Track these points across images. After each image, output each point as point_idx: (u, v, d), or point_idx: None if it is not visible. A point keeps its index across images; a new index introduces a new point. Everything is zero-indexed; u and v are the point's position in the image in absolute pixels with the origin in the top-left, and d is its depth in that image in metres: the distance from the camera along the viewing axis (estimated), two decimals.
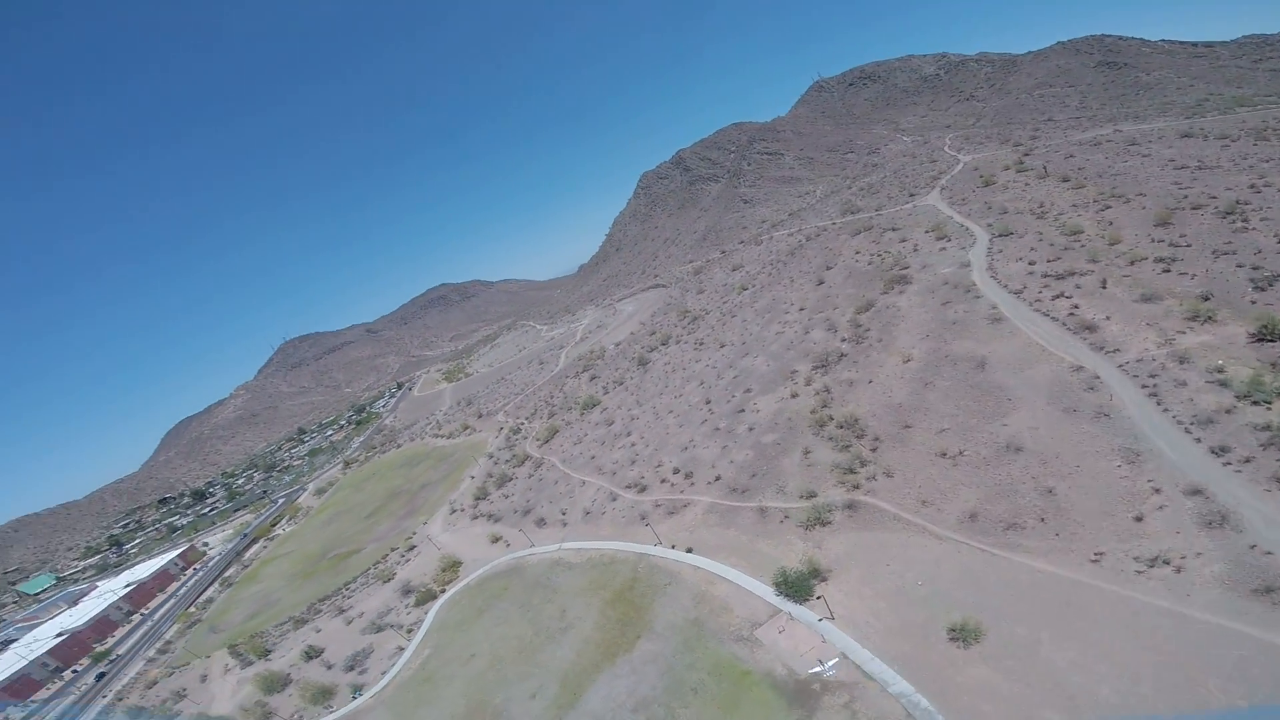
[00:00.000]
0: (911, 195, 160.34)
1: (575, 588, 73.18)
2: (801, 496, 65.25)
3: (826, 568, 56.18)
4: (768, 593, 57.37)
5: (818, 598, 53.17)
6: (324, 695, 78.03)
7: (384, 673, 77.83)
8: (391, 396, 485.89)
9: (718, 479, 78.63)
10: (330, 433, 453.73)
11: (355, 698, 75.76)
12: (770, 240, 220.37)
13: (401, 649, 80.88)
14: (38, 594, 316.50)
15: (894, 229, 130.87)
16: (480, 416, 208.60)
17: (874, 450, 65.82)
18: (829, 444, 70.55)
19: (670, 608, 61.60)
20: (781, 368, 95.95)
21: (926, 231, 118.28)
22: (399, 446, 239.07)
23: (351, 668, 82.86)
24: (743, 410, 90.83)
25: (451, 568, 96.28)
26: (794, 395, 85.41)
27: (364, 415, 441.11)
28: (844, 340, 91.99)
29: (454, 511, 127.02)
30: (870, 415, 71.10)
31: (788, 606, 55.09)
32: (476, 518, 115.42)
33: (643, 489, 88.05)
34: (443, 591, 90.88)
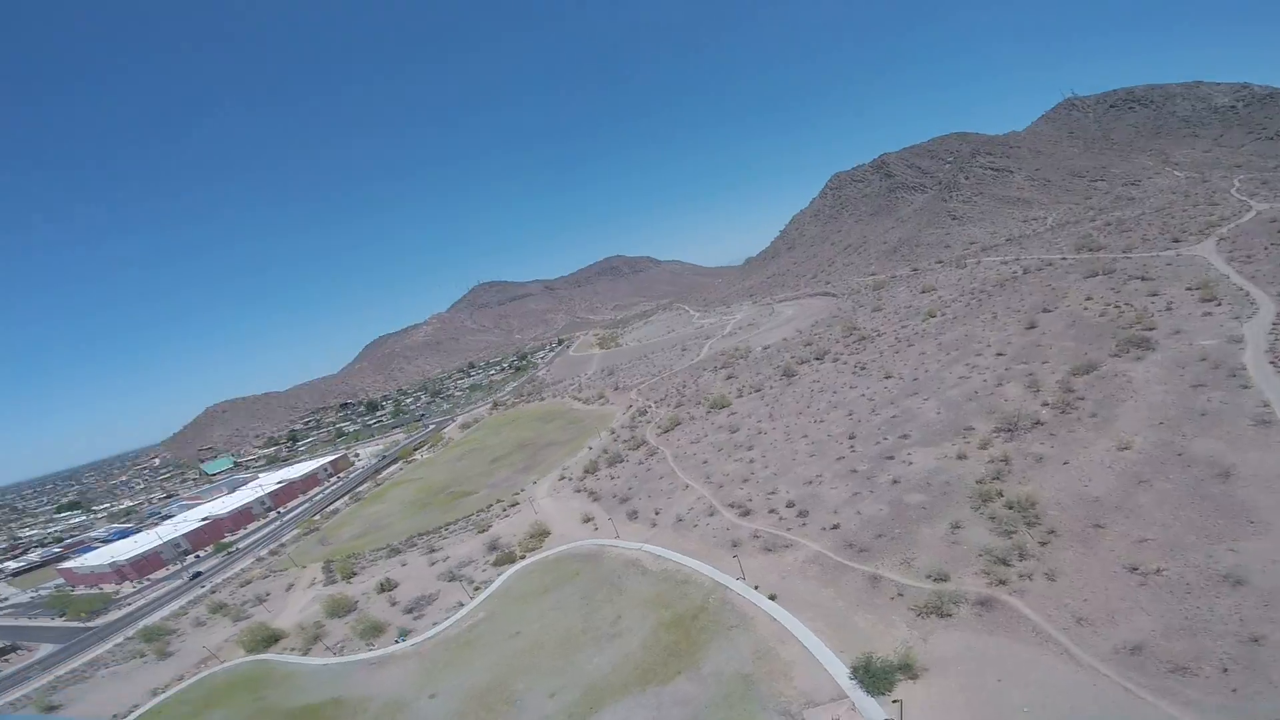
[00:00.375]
0: (1175, 241, 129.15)
1: (640, 597, 67.41)
2: (929, 576, 53.52)
3: (922, 665, 45.75)
4: (840, 673, 47.74)
5: (894, 700, 43.37)
6: (373, 631, 79.82)
7: (435, 624, 78.07)
8: (551, 351, 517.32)
9: (835, 528, 67.67)
10: (493, 372, 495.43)
11: (398, 641, 76.70)
12: (977, 265, 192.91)
13: (461, 605, 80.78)
14: (214, 475, 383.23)
15: (1144, 278, 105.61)
16: (616, 389, 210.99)
17: (1043, 545, 52.39)
18: (987, 523, 57.38)
19: (726, 653, 53.64)
20: (955, 419, 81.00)
21: (1189, 288, 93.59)
22: (542, 400, 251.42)
23: (411, 610, 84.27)
24: (891, 457, 77.79)
25: (539, 535, 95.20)
26: (961, 456, 71.03)
27: (524, 362, 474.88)
28: (1046, 405, 74.32)
29: (562, 478, 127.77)
30: (1053, 502, 56.76)
31: (856, 694, 45.35)
32: (579, 491, 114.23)
33: (746, 512, 79.39)
34: (522, 558, 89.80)
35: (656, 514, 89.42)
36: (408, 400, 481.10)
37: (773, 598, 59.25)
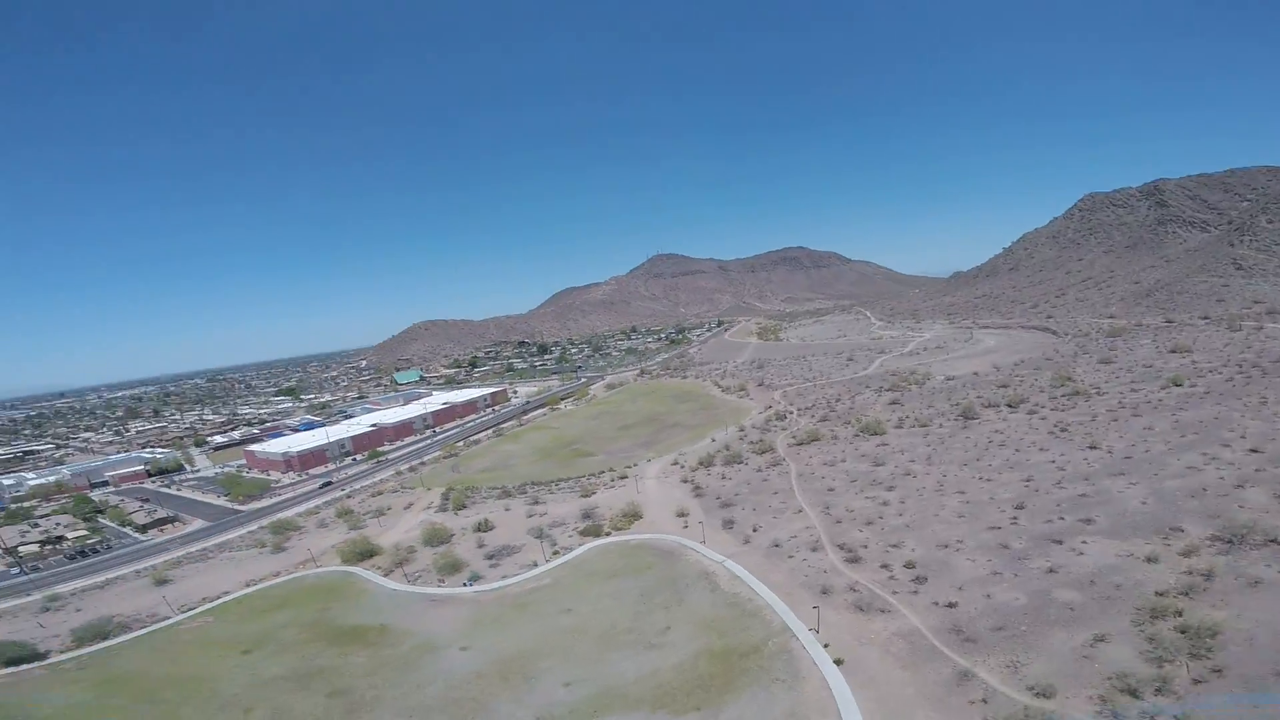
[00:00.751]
0: None
1: (698, 614, 62.69)
2: (1031, 688, 43.58)
3: None
4: None
5: None
6: (450, 569, 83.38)
7: (504, 577, 79.89)
8: (708, 330, 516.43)
9: (950, 605, 56.73)
10: (650, 340, 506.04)
11: (465, 584, 79.44)
12: (1257, 332, 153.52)
13: (535, 565, 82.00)
14: (401, 385, 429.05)
15: None
16: (760, 385, 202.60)
17: (1197, 683, 41.33)
18: (1141, 644, 46.11)
19: (758, 705, 47.51)
20: (1162, 515, 65.66)
21: None
22: (684, 377, 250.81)
23: (492, 557, 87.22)
24: (1060, 542, 64.53)
25: (631, 516, 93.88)
26: (1151, 559, 57.38)
27: (680, 337, 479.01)
28: None
29: (675, 463, 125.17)
30: (1244, 638, 44.18)
31: None
32: (686, 481, 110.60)
33: (855, 559, 69.60)
34: (607, 534, 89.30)
35: (754, 530, 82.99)
36: (573, 350, 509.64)
37: (839, 662, 51.57)
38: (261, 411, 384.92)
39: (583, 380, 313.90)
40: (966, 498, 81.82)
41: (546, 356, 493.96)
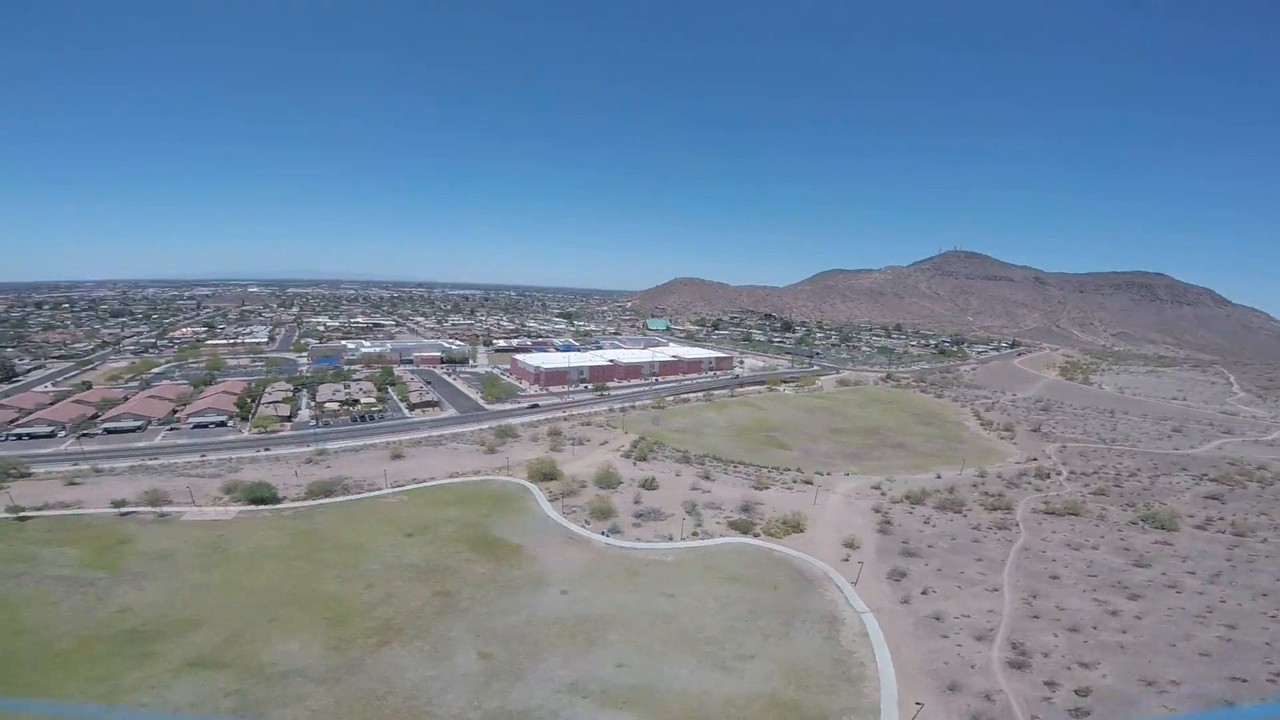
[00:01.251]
0: None
1: (794, 657, 55.66)
2: None
3: None
4: None
5: None
6: (600, 514, 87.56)
7: (637, 540, 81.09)
8: (995, 349, 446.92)
9: None
10: (915, 343, 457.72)
11: (602, 535, 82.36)
12: None
13: (670, 539, 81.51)
14: (650, 330, 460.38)
15: None
16: (1035, 431, 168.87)
17: None
18: None
19: None
20: None
21: None
22: (938, 397, 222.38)
23: (639, 516, 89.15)
24: None
25: (791, 526, 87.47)
26: None
27: (955, 349, 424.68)
28: None
29: (876, 488, 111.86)
30: None
31: None
32: (877, 511, 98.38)
33: (1020, 665, 55.07)
34: (754, 536, 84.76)
35: (922, 593, 70.52)
36: (818, 335, 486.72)
37: None
38: (542, 327, 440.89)
39: (814, 368, 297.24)
40: (1232, 635, 62.21)
41: (788, 334, 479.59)
